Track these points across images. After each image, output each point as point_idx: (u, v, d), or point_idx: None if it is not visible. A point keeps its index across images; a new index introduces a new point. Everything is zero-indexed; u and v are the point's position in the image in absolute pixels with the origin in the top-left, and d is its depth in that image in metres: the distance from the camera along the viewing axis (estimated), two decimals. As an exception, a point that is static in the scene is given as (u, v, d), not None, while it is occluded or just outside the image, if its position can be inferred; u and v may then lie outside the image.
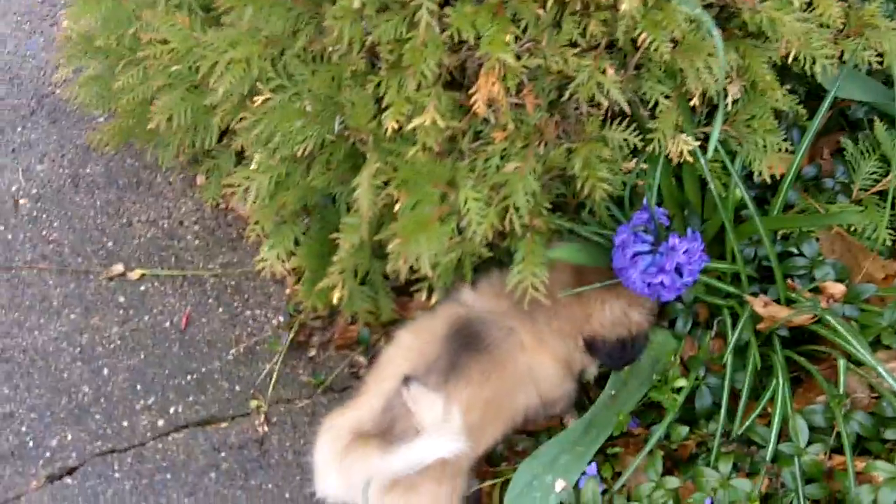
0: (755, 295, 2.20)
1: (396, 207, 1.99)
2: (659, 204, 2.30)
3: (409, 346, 2.07)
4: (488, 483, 2.14)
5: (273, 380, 2.38)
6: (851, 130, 2.49)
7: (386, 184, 1.98)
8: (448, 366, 2.00)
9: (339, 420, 1.96)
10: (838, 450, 2.06)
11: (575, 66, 1.90)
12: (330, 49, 1.98)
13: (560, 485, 2.03)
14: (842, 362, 2.08)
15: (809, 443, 2.05)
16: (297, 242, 2.31)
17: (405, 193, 1.99)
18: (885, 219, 2.29)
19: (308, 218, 2.36)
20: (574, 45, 1.91)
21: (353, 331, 2.42)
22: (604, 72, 1.92)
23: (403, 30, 1.79)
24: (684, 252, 2.02)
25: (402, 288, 2.33)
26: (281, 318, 2.48)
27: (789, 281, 2.25)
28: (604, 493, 2.05)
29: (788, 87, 2.24)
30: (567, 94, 1.94)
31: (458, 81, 1.99)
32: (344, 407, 1.99)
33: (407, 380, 1.93)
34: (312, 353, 2.43)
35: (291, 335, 2.43)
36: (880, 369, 2.03)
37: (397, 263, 2.04)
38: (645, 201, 2.16)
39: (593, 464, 2.04)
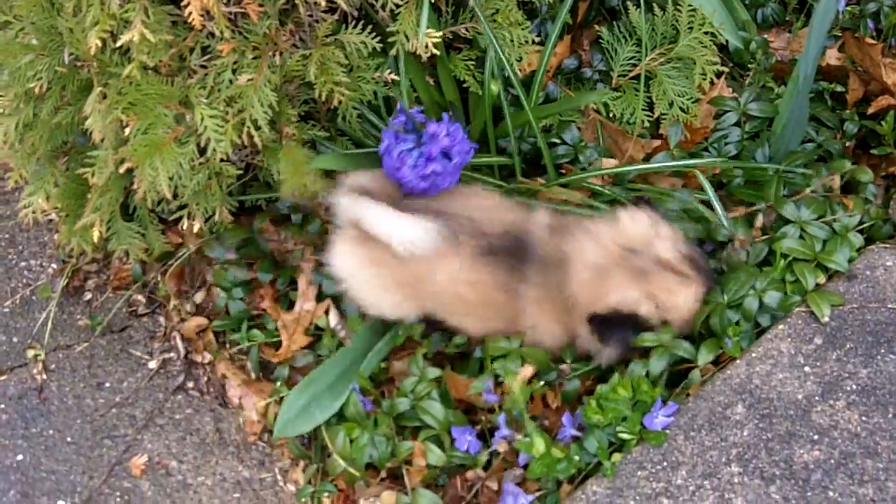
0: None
1: (127, 132, 1.94)
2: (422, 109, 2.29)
3: (490, 206, 2.04)
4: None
5: (49, 327, 2.32)
6: (612, 20, 2.50)
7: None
8: (492, 250, 1.95)
9: None
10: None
11: (287, -33, 1.86)
12: (39, -26, 1.91)
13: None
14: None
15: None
16: (58, 185, 2.25)
17: (135, 117, 1.94)
18: (641, 101, 2.31)
19: (67, 158, 2.29)
20: (287, -54, 1.87)
21: (129, 270, 2.36)
22: (322, -28, 1.89)
23: (90, -60, 1.72)
24: (446, 135, 2.00)
25: (176, 221, 2.27)
26: (54, 266, 2.42)
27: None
28: (373, 401, 2.04)
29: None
30: (289, -1, 1.90)
31: (174, -5, 1.94)
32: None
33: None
34: (88, 296, 2.37)
35: (65, 281, 2.36)
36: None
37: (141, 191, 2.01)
38: (399, 105, 2.14)
39: (355, 383, 2.03)
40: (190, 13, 1.83)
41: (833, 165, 2.18)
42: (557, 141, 2.30)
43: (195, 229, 2.18)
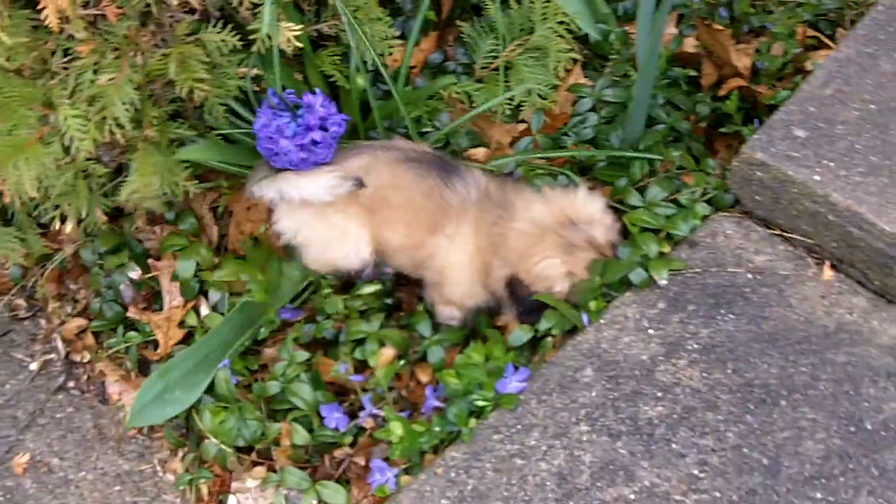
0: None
1: (-9, 134, 1.99)
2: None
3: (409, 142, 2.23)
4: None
5: (-71, 336, 2.35)
6: (477, 15, 2.60)
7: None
8: (416, 159, 2.09)
9: None
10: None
11: (138, -31, 1.93)
12: None
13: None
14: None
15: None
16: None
17: (-1, 119, 2.00)
18: (501, 90, 2.41)
19: (-57, 168, 2.32)
20: (135, -52, 1.93)
21: (8, 275, 2.40)
22: (174, -26, 1.96)
23: (-62, -54, 1.78)
24: (321, 105, 2.07)
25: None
26: (-67, 276, 2.45)
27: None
28: (247, 386, 2.10)
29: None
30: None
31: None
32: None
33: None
34: (-31, 304, 2.42)
35: (-56, 289, 2.40)
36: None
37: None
38: (270, 89, 2.19)
39: (226, 359, 2.09)
40: (47, 16, 1.89)
41: (678, 146, 2.29)
42: (430, 129, 2.39)
43: (68, 230, 2.22)
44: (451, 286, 2.11)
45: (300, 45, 2.15)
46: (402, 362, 2.05)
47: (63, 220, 2.22)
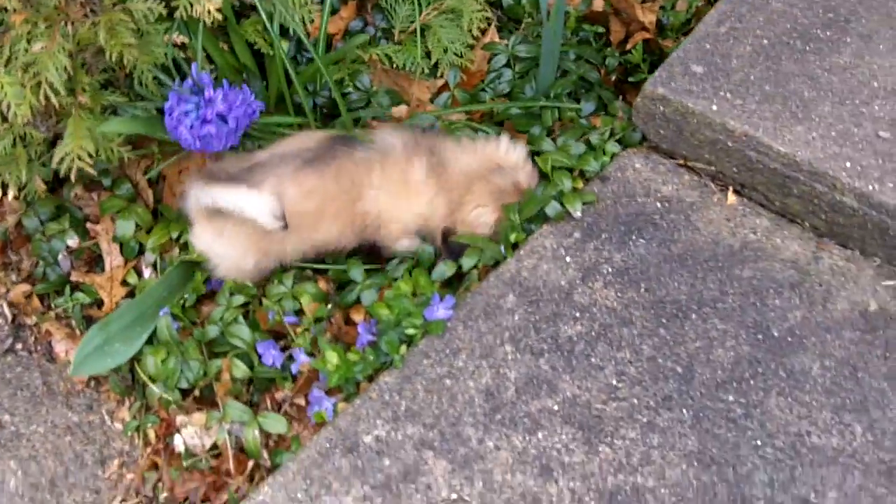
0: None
1: (-72, 103, 2.07)
2: (216, 72, 2.46)
3: (299, 137, 2.24)
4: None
5: None
6: (395, -16, 2.73)
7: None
8: (313, 157, 2.13)
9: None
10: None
11: (62, -62, 2.02)
12: None
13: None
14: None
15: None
16: None
17: (-65, 88, 2.08)
18: (420, 51, 2.54)
19: None
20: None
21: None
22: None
23: None
24: (223, 100, 2.18)
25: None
26: None
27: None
28: (182, 328, 2.20)
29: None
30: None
31: (-35, -28, 2.08)
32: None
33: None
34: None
35: None
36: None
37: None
38: (194, 67, 2.31)
39: (166, 307, 2.18)
40: (-24, -14, 1.98)
41: (590, 95, 2.44)
42: (351, 89, 2.50)
43: (9, 199, 2.30)
44: (395, 223, 2.21)
45: (219, 16, 2.25)
46: (329, 306, 2.16)
47: (4, 189, 2.30)
